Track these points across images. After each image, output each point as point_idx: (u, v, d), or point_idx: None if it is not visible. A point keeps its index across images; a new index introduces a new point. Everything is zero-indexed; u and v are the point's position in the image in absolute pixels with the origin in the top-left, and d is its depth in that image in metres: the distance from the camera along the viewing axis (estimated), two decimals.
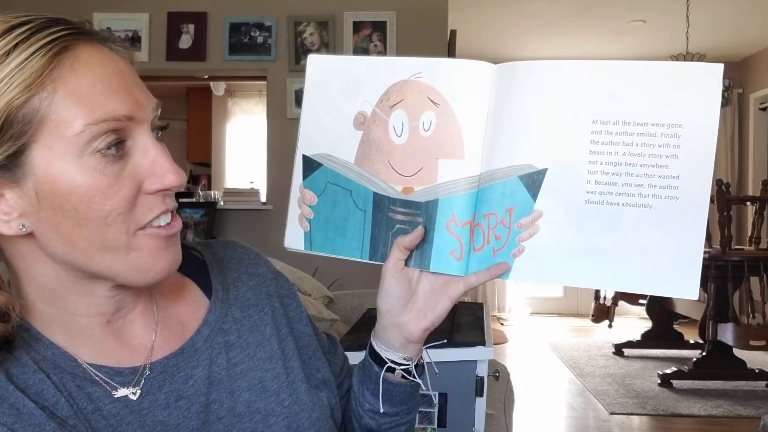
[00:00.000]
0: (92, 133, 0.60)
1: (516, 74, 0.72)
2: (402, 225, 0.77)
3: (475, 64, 0.73)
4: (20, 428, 0.60)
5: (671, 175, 0.67)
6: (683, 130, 0.67)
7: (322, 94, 0.81)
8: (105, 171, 0.61)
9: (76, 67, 0.61)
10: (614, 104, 0.69)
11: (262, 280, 0.83)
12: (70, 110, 0.60)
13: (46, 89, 0.59)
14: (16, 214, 0.62)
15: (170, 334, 0.74)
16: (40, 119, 0.59)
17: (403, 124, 0.76)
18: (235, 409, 0.73)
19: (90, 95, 0.60)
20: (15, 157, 0.60)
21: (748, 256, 4.29)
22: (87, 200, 0.61)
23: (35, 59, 0.59)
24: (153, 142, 0.65)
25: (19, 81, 0.58)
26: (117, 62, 0.64)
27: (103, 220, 0.62)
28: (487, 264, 0.74)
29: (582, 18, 5.83)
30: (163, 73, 4.65)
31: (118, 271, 0.65)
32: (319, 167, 0.81)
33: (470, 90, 0.73)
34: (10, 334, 0.63)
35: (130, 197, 0.63)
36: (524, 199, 0.71)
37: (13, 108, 0.59)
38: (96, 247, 0.63)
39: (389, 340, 0.80)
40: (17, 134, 0.59)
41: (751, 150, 7.01)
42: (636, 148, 0.68)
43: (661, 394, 4.13)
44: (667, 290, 0.69)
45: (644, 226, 0.68)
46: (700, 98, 0.67)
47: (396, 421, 0.85)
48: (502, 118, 0.72)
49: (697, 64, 0.68)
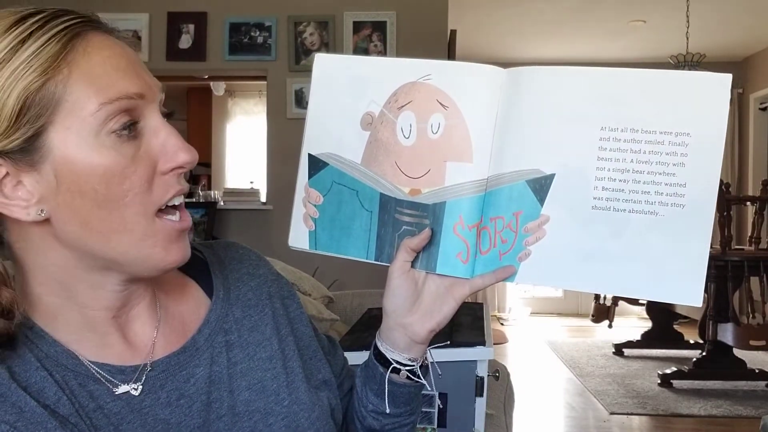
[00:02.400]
0: (107, 112, 0.62)
1: (526, 79, 0.72)
2: (409, 227, 0.77)
3: (485, 68, 0.74)
4: (22, 426, 0.60)
5: (678, 183, 0.68)
6: (691, 139, 0.68)
7: (329, 94, 0.81)
8: (121, 151, 0.63)
9: (89, 51, 0.63)
10: (623, 111, 0.69)
11: (263, 280, 0.83)
12: (85, 91, 0.62)
13: (61, 72, 0.62)
14: (34, 199, 0.63)
15: (171, 332, 0.74)
16: (56, 101, 0.61)
17: (411, 125, 0.76)
18: (235, 408, 0.74)
19: (102, 76, 0.63)
20: (33, 139, 0.62)
21: (748, 256, 4.30)
22: (106, 181, 0.63)
23: (51, 45, 0.62)
24: (163, 122, 0.67)
25: (36, 66, 0.61)
26: (124, 47, 0.67)
27: (122, 200, 0.63)
28: (493, 267, 0.74)
29: (582, 18, 5.83)
30: (163, 73, 4.63)
31: (130, 259, 0.66)
32: (325, 167, 0.81)
33: (479, 94, 0.74)
34: (13, 332, 0.63)
35: (147, 177, 0.65)
36: (531, 204, 0.72)
37: (31, 92, 0.61)
38: (113, 229, 0.64)
39: (394, 340, 0.81)
40: (35, 117, 0.61)
41: (751, 150, 7.02)
42: (643, 155, 0.68)
43: (661, 394, 4.13)
44: (670, 297, 0.70)
45: (650, 233, 0.69)
46: (709, 107, 0.67)
47: (399, 421, 0.86)
48: (511, 123, 0.72)
49: (707, 74, 0.68)
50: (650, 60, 6.75)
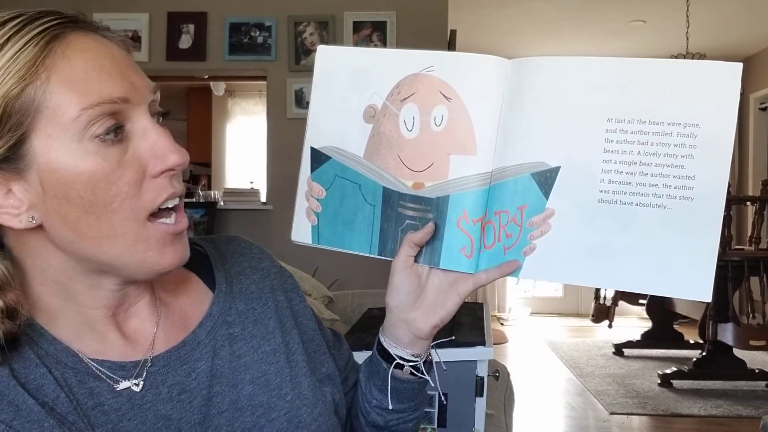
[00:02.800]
0: (88, 117, 0.61)
1: (530, 70, 0.71)
2: (412, 221, 0.76)
3: (489, 58, 0.73)
4: (19, 425, 0.59)
5: (687, 175, 0.66)
6: (700, 130, 0.66)
7: (331, 87, 0.80)
8: (106, 156, 0.62)
9: (68, 54, 0.61)
10: (630, 102, 0.68)
11: (266, 273, 0.82)
12: (65, 96, 0.60)
13: (40, 78, 0.60)
14: (24, 207, 0.62)
15: (172, 327, 0.74)
16: (36, 108, 0.60)
17: (414, 118, 0.75)
18: (237, 402, 0.73)
19: (83, 80, 0.61)
20: (16, 148, 0.61)
21: (748, 256, 4.29)
22: (91, 187, 0.61)
23: (27, 49, 0.60)
24: (152, 124, 0.65)
25: (13, 72, 0.59)
26: (110, 47, 0.65)
27: (109, 205, 0.62)
28: (498, 262, 0.73)
29: (582, 18, 5.83)
30: (163, 73, 4.62)
31: (124, 263, 0.65)
32: (328, 160, 0.80)
33: (483, 85, 0.73)
34: (18, 332, 0.63)
35: (135, 181, 0.63)
36: (536, 197, 0.71)
37: (10, 99, 0.59)
38: (104, 235, 0.63)
39: (398, 336, 0.80)
40: (16, 125, 0.60)
41: (751, 150, 7.01)
42: (651, 147, 0.67)
43: (661, 394, 4.13)
44: (679, 292, 0.68)
45: (658, 227, 0.67)
46: (718, 98, 0.65)
47: (403, 417, 0.85)
48: (516, 115, 0.71)
49: (716, 63, 0.66)
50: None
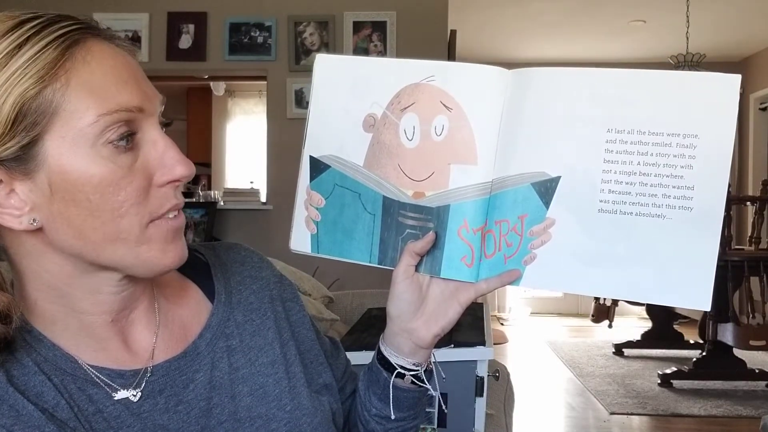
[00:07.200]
0: (105, 124, 0.61)
1: (531, 80, 0.71)
2: (412, 230, 0.76)
3: (489, 69, 0.73)
4: (19, 430, 0.59)
5: (686, 185, 0.67)
6: (699, 141, 0.66)
7: (330, 95, 0.80)
8: (117, 162, 0.62)
9: (89, 60, 0.62)
10: (630, 113, 0.68)
11: (265, 283, 0.82)
12: (84, 101, 0.61)
13: (59, 80, 0.60)
14: (27, 208, 0.62)
15: (171, 337, 0.73)
16: (53, 110, 0.60)
17: (415, 127, 0.75)
18: (236, 414, 0.73)
19: (102, 86, 0.62)
20: (29, 148, 0.60)
21: (748, 256, 4.29)
22: (100, 191, 0.62)
23: (48, 51, 0.60)
24: (161, 135, 0.66)
25: (32, 72, 0.59)
26: (125, 56, 0.65)
27: (117, 210, 0.63)
28: (498, 271, 0.74)
29: (582, 18, 5.83)
30: (163, 73, 4.63)
31: (127, 264, 0.65)
32: (327, 169, 0.80)
33: (484, 95, 0.73)
34: (11, 336, 0.63)
35: (143, 189, 0.64)
36: (537, 207, 0.71)
37: (27, 99, 0.59)
38: (108, 239, 0.63)
39: (399, 345, 0.80)
40: (31, 125, 0.60)
41: (751, 150, 7.01)
42: (651, 157, 0.67)
43: (661, 394, 4.13)
44: (678, 301, 0.68)
45: (657, 237, 0.68)
46: (717, 109, 0.66)
47: (403, 425, 0.85)
48: (516, 125, 0.72)
49: (715, 75, 0.67)
50: (650, 60, 6.75)
